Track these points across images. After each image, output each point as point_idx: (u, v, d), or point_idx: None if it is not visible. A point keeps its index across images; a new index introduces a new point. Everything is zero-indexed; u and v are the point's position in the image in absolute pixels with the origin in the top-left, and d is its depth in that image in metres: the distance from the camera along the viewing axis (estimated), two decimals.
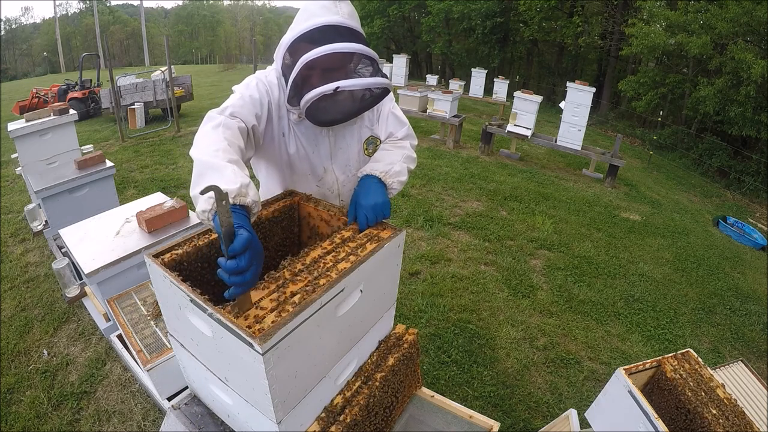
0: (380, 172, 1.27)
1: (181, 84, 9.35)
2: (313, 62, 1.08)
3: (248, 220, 0.93)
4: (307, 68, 1.11)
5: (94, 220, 2.14)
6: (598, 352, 2.99)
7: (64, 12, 41.24)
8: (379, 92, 1.24)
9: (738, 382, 1.84)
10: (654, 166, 9.82)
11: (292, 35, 1.14)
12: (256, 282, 0.88)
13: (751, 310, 3.87)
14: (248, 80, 1.29)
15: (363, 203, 1.18)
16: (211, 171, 0.96)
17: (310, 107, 1.14)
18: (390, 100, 1.44)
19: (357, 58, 1.15)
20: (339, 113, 1.23)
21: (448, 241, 4.27)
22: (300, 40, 1.12)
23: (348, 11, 1.16)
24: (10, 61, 39.34)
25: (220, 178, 0.94)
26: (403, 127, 1.46)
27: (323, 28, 1.09)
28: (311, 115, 1.18)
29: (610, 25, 14.89)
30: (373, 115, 1.43)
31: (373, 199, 1.18)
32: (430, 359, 2.74)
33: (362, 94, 1.22)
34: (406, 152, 1.39)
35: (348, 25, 1.11)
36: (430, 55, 23.74)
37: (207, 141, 1.06)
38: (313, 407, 1.02)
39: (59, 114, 3.26)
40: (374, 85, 1.14)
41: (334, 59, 1.10)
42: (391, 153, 1.37)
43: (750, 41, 10.01)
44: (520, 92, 7.01)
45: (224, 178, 0.94)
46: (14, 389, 2.40)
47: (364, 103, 1.25)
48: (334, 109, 1.20)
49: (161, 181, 5.33)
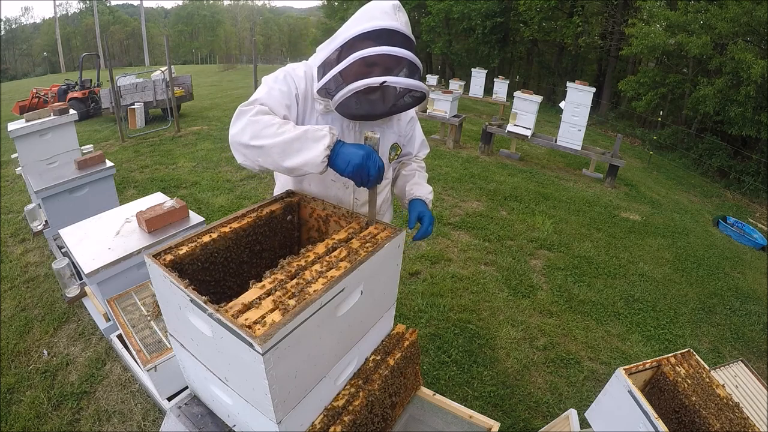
0: (429, 201, 1.58)
1: (181, 84, 9.35)
2: (369, 58, 1.15)
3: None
4: (360, 63, 1.17)
5: (94, 220, 2.14)
6: (598, 352, 2.99)
7: (64, 12, 41.32)
8: (414, 99, 1.31)
9: (738, 382, 1.84)
10: (654, 166, 9.82)
11: (351, 33, 1.19)
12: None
13: (751, 310, 3.87)
14: (277, 73, 1.34)
15: (429, 221, 1.48)
16: (299, 141, 1.13)
17: (349, 98, 1.20)
18: (417, 122, 1.63)
19: (405, 64, 1.21)
20: (373, 109, 1.30)
21: (448, 241, 4.27)
22: (359, 38, 1.18)
23: (405, 20, 1.24)
24: (10, 61, 39.35)
25: (317, 133, 1.13)
26: (428, 150, 1.72)
27: (384, 31, 1.17)
28: (345, 106, 1.23)
29: (610, 25, 14.89)
30: (403, 126, 1.55)
31: (431, 219, 1.49)
32: (430, 359, 2.74)
33: (399, 97, 1.30)
34: (425, 174, 1.69)
35: (405, 33, 1.19)
36: (430, 55, 23.74)
37: (259, 126, 1.16)
38: (313, 407, 1.02)
39: (59, 114, 3.26)
40: (417, 87, 1.21)
41: (388, 60, 1.18)
42: (424, 177, 1.67)
43: (750, 41, 10.01)
44: (520, 92, 7.01)
45: (321, 132, 1.13)
46: (14, 389, 2.40)
47: (399, 105, 1.33)
48: (369, 105, 1.28)
49: (161, 181, 5.33)
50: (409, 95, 1.29)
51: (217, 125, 8.40)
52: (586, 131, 6.81)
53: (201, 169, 5.81)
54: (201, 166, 5.96)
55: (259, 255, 1.28)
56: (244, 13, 53.47)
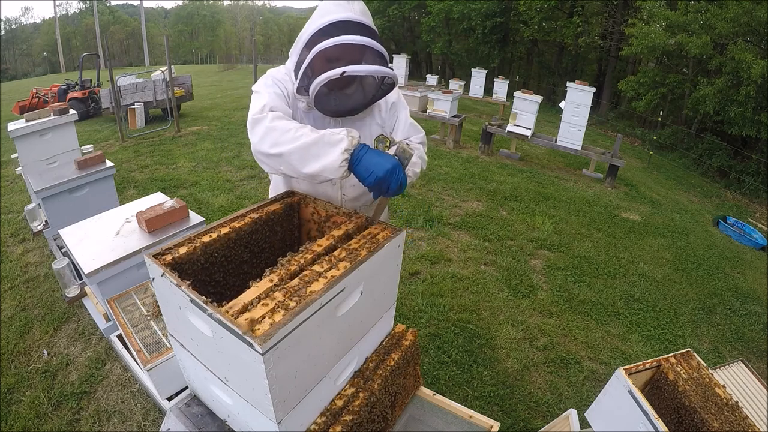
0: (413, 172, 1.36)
1: (181, 84, 9.35)
2: (324, 52, 1.16)
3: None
4: (320, 58, 1.18)
5: (94, 220, 2.14)
6: (598, 352, 2.99)
7: (64, 12, 41.29)
8: (386, 87, 1.30)
9: (738, 382, 1.84)
10: (654, 166, 9.82)
11: (309, 31, 1.21)
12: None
13: (751, 310, 3.87)
14: (264, 80, 1.34)
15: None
16: (316, 146, 1.10)
17: (319, 94, 1.20)
18: (405, 108, 1.53)
19: (368, 52, 1.21)
20: (346, 103, 1.31)
21: (448, 241, 4.27)
22: (315, 35, 1.20)
23: (360, 9, 1.24)
24: (10, 61, 39.34)
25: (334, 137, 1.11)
26: (420, 133, 1.55)
27: (337, 23, 1.18)
28: (319, 102, 1.24)
29: (610, 25, 14.89)
30: (384, 115, 1.48)
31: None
32: (430, 359, 2.74)
33: (370, 86, 1.29)
34: (420, 152, 1.46)
35: (360, 21, 1.20)
36: (430, 55, 23.74)
37: (277, 133, 1.14)
38: (313, 407, 1.02)
39: (59, 114, 3.26)
40: (378, 73, 1.20)
41: (345, 51, 1.17)
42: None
43: (750, 41, 10.01)
44: (520, 92, 7.01)
45: (337, 136, 1.11)
46: (14, 389, 2.40)
47: (371, 94, 1.31)
48: (345, 99, 1.29)
49: (161, 181, 5.33)
50: (377, 85, 1.29)
51: (217, 125, 8.40)
52: (586, 131, 6.81)
53: (201, 169, 5.81)
54: (201, 166, 5.96)
55: (259, 255, 1.28)
56: (244, 13, 53.45)
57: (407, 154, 1.14)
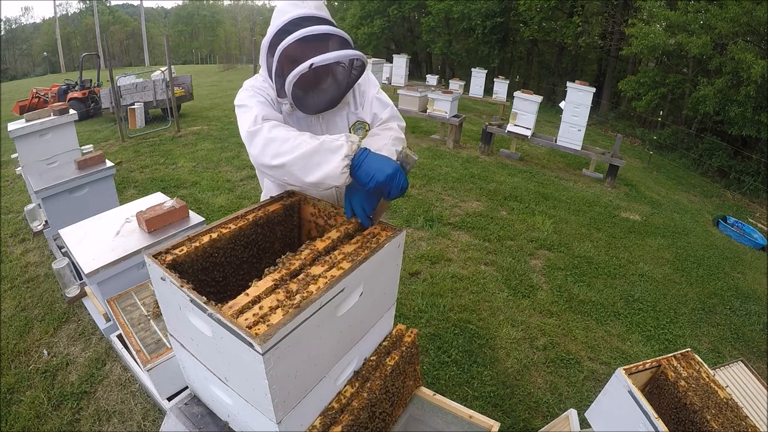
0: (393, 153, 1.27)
1: (181, 84, 9.35)
2: (288, 49, 1.15)
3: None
4: (285, 57, 1.18)
5: (94, 220, 2.13)
6: (598, 352, 2.99)
7: (64, 12, 41.29)
8: (357, 71, 1.29)
9: (738, 382, 1.84)
10: (654, 166, 9.82)
11: (270, 35, 1.22)
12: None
13: (751, 310, 3.87)
14: (246, 91, 1.33)
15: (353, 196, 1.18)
16: (317, 154, 1.10)
17: (295, 94, 1.20)
18: (374, 86, 1.47)
19: (332, 41, 1.21)
20: (324, 97, 1.30)
21: (448, 241, 4.27)
22: (275, 36, 1.20)
23: (315, 4, 1.24)
24: (10, 61, 39.33)
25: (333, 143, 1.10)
26: (387, 108, 1.45)
27: (294, 21, 1.18)
28: (298, 102, 1.24)
29: (610, 25, 14.89)
30: (357, 101, 1.45)
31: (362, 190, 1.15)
32: (430, 359, 2.74)
33: (342, 74, 1.29)
34: (393, 134, 1.36)
35: (316, 15, 1.20)
36: (430, 55, 23.73)
37: (277, 143, 1.13)
38: (313, 407, 1.02)
39: (59, 114, 3.25)
40: (345, 57, 1.19)
41: (308, 44, 1.15)
42: (378, 137, 1.34)
43: (750, 41, 10.01)
44: (520, 92, 7.01)
45: (337, 142, 1.10)
46: (14, 389, 2.40)
47: (345, 82, 1.31)
48: (319, 95, 1.29)
49: (161, 181, 5.33)
50: (348, 72, 1.29)
51: (217, 125, 8.40)
52: (586, 131, 6.82)
53: (201, 169, 5.81)
54: (201, 166, 5.96)
55: (259, 255, 1.28)
56: (244, 13, 53.47)
57: (410, 158, 1.12)
